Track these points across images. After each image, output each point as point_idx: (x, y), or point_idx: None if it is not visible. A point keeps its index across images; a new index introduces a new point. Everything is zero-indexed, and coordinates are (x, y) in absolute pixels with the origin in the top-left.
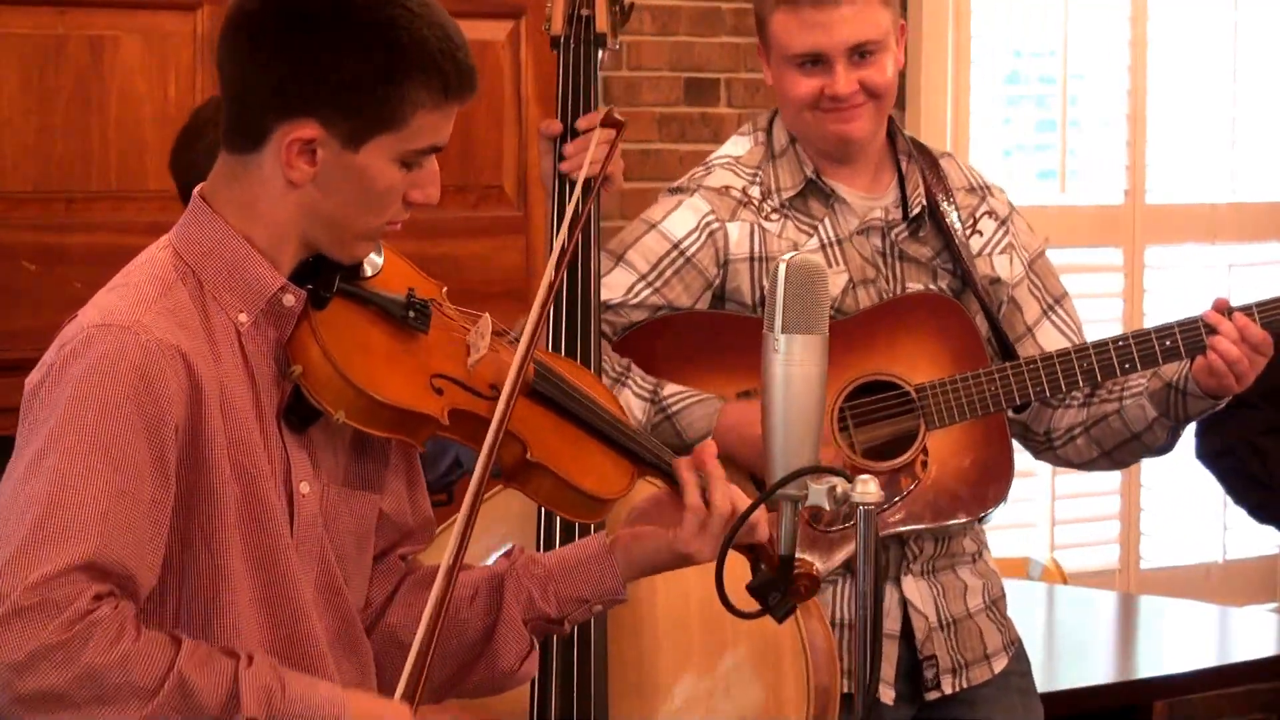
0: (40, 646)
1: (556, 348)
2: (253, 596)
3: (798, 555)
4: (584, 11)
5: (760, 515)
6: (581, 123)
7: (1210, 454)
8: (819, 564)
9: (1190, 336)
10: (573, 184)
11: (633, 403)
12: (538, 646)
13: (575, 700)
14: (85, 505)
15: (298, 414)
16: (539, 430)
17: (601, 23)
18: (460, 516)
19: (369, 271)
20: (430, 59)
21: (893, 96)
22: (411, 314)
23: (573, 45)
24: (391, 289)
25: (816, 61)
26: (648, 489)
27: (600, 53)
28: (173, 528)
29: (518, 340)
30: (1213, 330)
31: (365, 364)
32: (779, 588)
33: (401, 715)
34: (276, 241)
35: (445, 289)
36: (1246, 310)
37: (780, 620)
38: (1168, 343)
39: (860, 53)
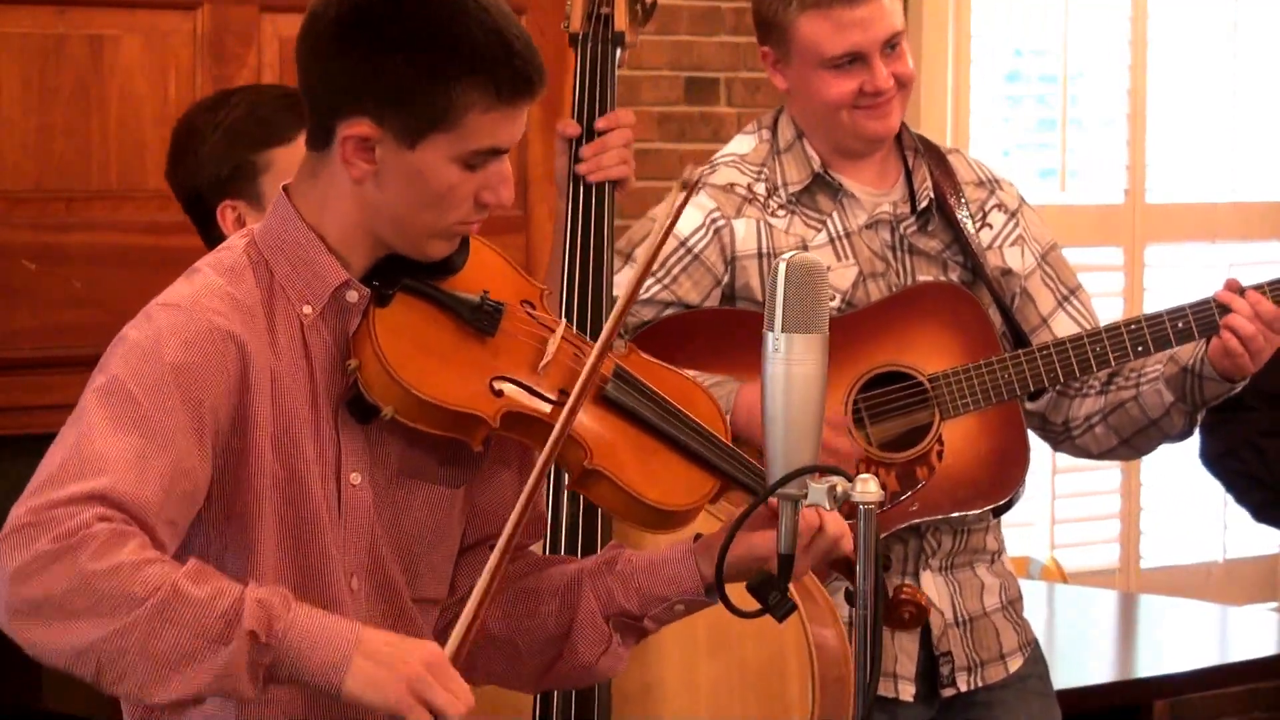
0: (34, 555)
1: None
2: (280, 580)
3: (907, 583)
4: (604, 9)
5: (845, 530)
6: (601, 123)
7: (1213, 457)
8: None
9: (1203, 317)
10: (589, 185)
11: None
12: (622, 642)
13: (579, 701)
14: (108, 452)
15: (359, 407)
16: (607, 437)
17: (621, 21)
18: (516, 508)
19: (450, 269)
20: (481, 61)
21: (913, 87)
22: (479, 315)
23: (591, 44)
24: (470, 289)
25: (853, 61)
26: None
27: (619, 52)
28: (214, 505)
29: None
30: (1226, 309)
31: (418, 362)
32: (779, 587)
33: (425, 650)
34: (347, 238)
35: (547, 292)
36: (1258, 288)
37: (780, 619)
38: (1180, 324)
39: (890, 45)
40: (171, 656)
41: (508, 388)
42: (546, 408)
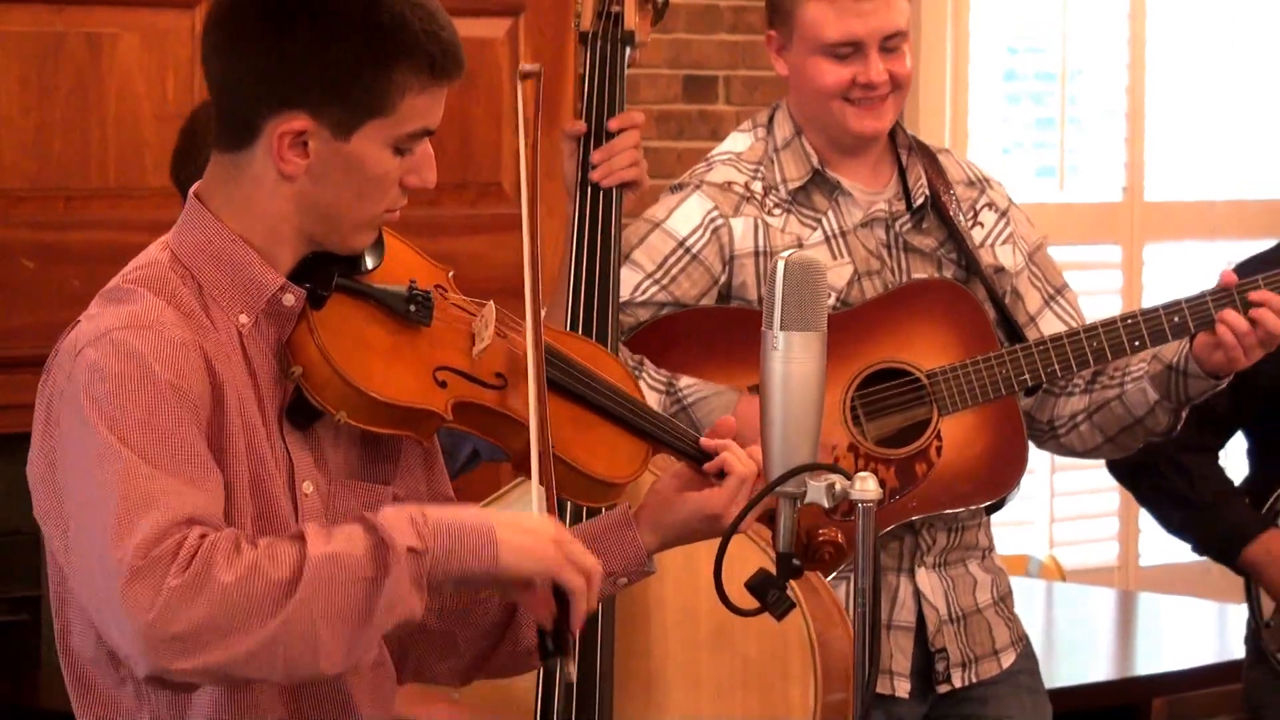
0: (168, 594)
1: None
2: None
3: (823, 526)
4: (614, 8)
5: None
6: (613, 124)
7: (1124, 470)
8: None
9: (1199, 312)
10: (601, 190)
11: (648, 395)
12: None
13: (580, 697)
14: (156, 483)
15: (301, 413)
16: (548, 416)
17: (631, 20)
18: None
19: (370, 265)
20: (414, 41)
21: (909, 90)
22: (413, 307)
23: (600, 43)
24: (394, 280)
25: (851, 50)
26: (666, 466)
27: (629, 51)
28: None
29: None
30: (1223, 303)
31: (365, 363)
32: (778, 585)
33: (547, 518)
34: (274, 239)
35: (451, 273)
36: (1254, 282)
37: (779, 618)
38: (1176, 319)
39: (889, 42)
40: (348, 612)
41: (450, 378)
42: (491, 394)
